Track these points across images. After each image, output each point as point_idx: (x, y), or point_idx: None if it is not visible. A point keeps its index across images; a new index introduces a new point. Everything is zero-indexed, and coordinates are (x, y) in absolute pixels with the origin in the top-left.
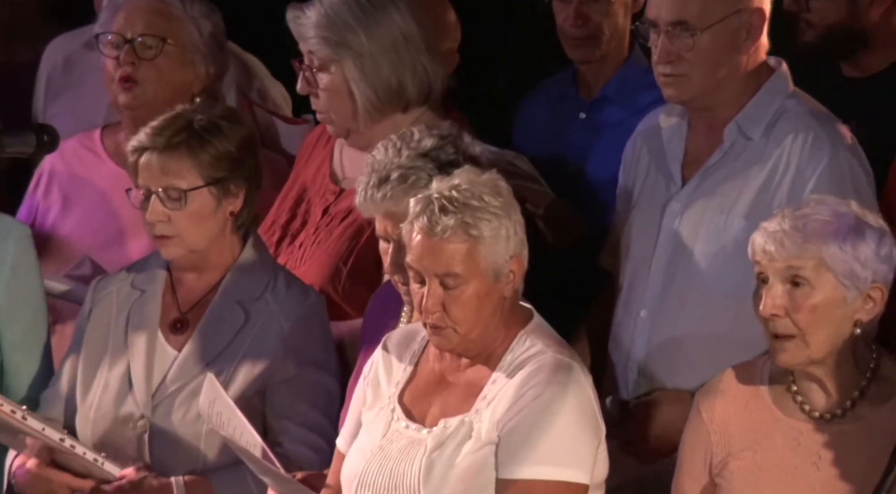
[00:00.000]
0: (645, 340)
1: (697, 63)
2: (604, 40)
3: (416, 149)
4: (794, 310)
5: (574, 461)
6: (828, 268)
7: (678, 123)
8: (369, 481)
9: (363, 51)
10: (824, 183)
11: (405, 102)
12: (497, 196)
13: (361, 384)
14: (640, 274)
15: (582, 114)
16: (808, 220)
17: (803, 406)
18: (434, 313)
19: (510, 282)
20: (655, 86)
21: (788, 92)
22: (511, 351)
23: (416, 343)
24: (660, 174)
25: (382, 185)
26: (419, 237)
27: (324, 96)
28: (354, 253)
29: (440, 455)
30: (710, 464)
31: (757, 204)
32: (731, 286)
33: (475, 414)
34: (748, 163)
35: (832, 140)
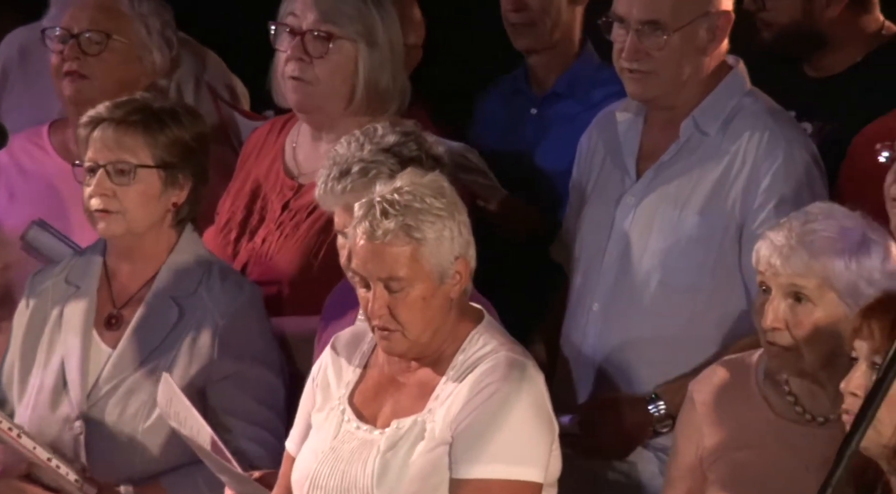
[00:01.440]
0: (597, 334)
1: (665, 62)
2: (546, 28)
3: (378, 144)
4: (794, 325)
5: (528, 459)
6: (831, 288)
7: (634, 117)
8: (321, 483)
9: (380, 43)
10: (779, 180)
11: (383, 111)
12: (440, 197)
13: (310, 385)
14: (593, 267)
15: (534, 110)
16: (815, 237)
17: (797, 408)
18: (381, 317)
19: (457, 284)
20: (608, 82)
21: (745, 89)
22: (463, 350)
23: (365, 343)
24: (615, 167)
25: (343, 178)
26: (362, 241)
27: (324, 69)
28: (325, 247)
29: (393, 456)
30: (702, 457)
31: (711, 199)
32: (684, 281)
33: (428, 414)
34: (703, 158)
35: (788, 138)
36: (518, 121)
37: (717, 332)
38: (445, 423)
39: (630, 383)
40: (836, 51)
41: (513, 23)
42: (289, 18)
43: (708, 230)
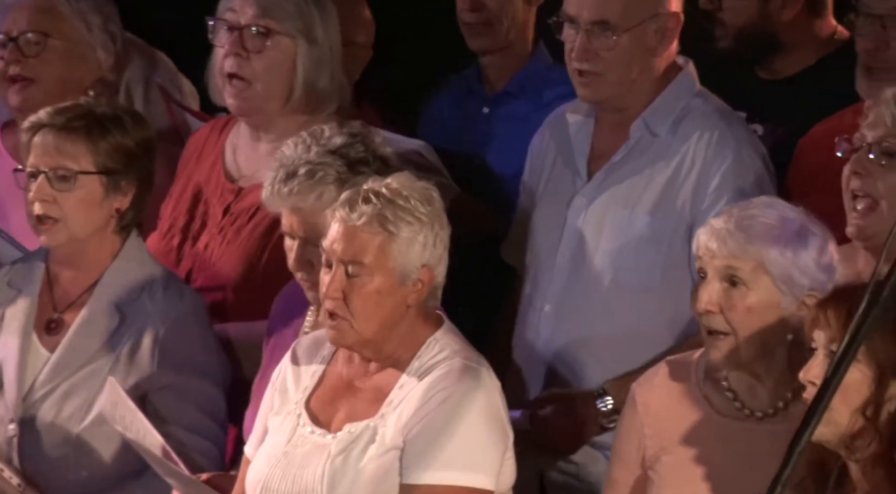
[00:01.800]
0: (549, 334)
1: (614, 63)
2: (501, 29)
3: (325, 146)
4: (728, 309)
5: (479, 466)
6: (766, 272)
7: (585, 118)
8: (273, 487)
9: (319, 40)
10: (728, 180)
11: (321, 111)
12: (426, 204)
13: (270, 389)
14: (545, 268)
15: (485, 109)
16: (753, 222)
17: (736, 404)
18: (333, 299)
19: (416, 291)
20: (559, 83)
21: (695, 90)
22: (419, 356)
23: (325, 348)
24: (566, 168)
25: (289, 180)
26: (337, 222)
27: (261, 65)
28: (268, 250)
29: (344, 461)
30: (643, 457)
31: (661, 200)
32: (635, 281)
33: (380, 419)
34: (654, 159)
35: (737, 138)
36: (470, 121)
37: (668, 331)
38: (397, 428)
39: (581, 382)
40: (789, 54)
41: (469, 23)
42: (227, 14)
43: (658, 230)
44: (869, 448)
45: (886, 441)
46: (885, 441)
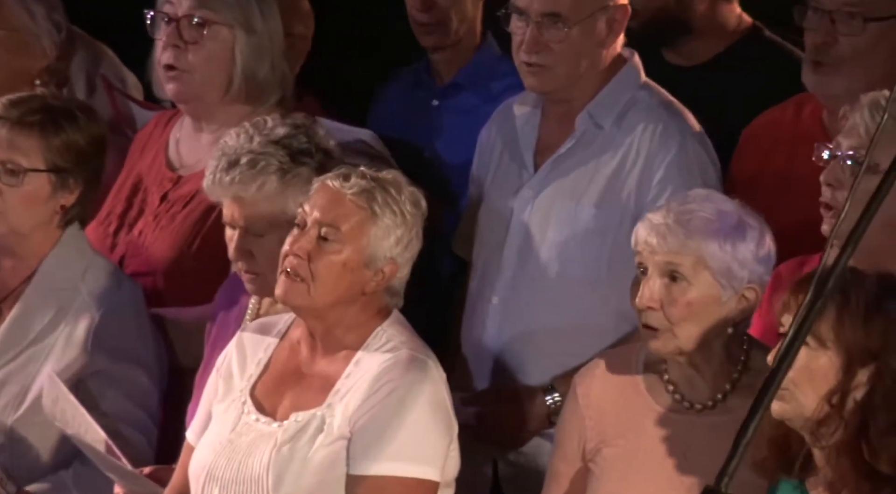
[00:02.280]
0: (497, 327)
1: (564, 55)
2: (452, 27)
3: (268, 136)
4: (669, 304)
5: (425, 458)
6: (706, 266)
7: (532, 111)
8: (217, 474)
9: (258, 29)
10: (673, 172)
11: (262, 102)
12: (413, 205)
13: (214, 376)
14: (492, 260)
15: (435, 101)
16: (692, 216)
17: (675, 396)
18: (296, 256)
19: (376, 280)
20: (508, 75)
21: (640, 82)
22: (367, 346)
23: (271, 336)
24: (513, 161)
25: (231, 169)
26: (327, 188)
27: (199, 56)
28: (200, 237)
29: (290, 450)
30: (584, 449)
31: (607, 192)
32: (581, 273)
33: (327, 409)
34: (599, 151)
35: (681, 130)
36: (419, 113)
37: (615, 324)
38: (344, 418)
39: (529, 375)
40: (699, 39)
41: (421, 22)
42: (165, 6)
43: (604, 222)
44: (834, 436)
45: (852, 430)
46: (851, 429)
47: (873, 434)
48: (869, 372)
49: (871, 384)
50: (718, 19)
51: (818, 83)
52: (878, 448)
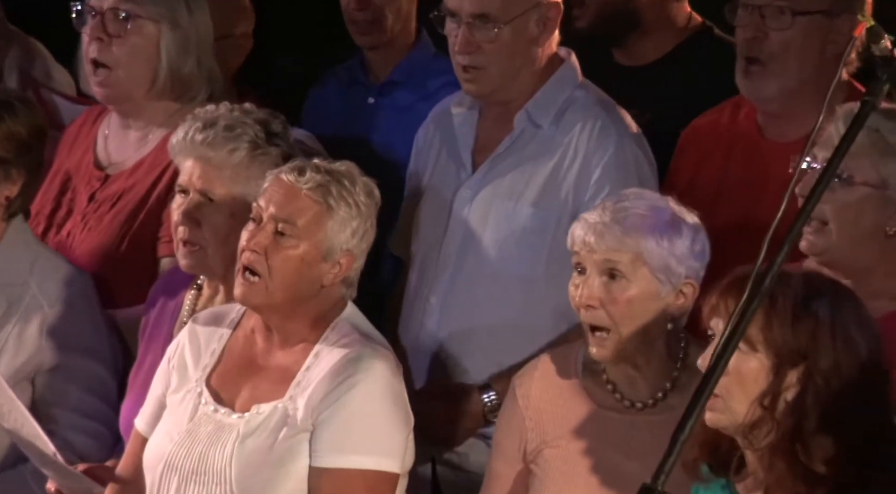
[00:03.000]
0: (434, 326)
1: (497, 56)
2: (387, 25)
3: (247, 113)
4: (609, 302)
5: (387, 450)
6: (644, 263)
7: (469, 110)
8: (177, 464)
9: (183, 24)
10: (610, 171)
11: (188, 97)
12: (367, 197)
13: (165, 366)
14: (430, 259)
15: (371, 99)
16: (627, 214)
17: (615, 395)
18: (253, 252)
19: (333, 273)
20: (443, 72)
21: (577, 82)
22: (325, 339)
23: (224, 325)
24: (451, 160)
25: (207, 129)
26: (281, 182)
27: (123, 50)
28: (128, 238)
29: (253, 441)
30: (525, 451)
31: (545, 191)
32: (519, 272)
33: (289, 401)
34: (537, 150)
35: (618, 129)
36: (355, 111)
37: (552, 322)
38: (307, 411)
39: (466, 373)
40: (647, 38)
41: (356, 21)
42: (92, 0)
43: (542, 221)
44: (767, 439)
45: (785, 431)
46: (784, 431)
47: (806, 434)
48: (799, 372)
49: (801, 384)
50: (667, 18)
51: (750, 87)
52: (812, 448)
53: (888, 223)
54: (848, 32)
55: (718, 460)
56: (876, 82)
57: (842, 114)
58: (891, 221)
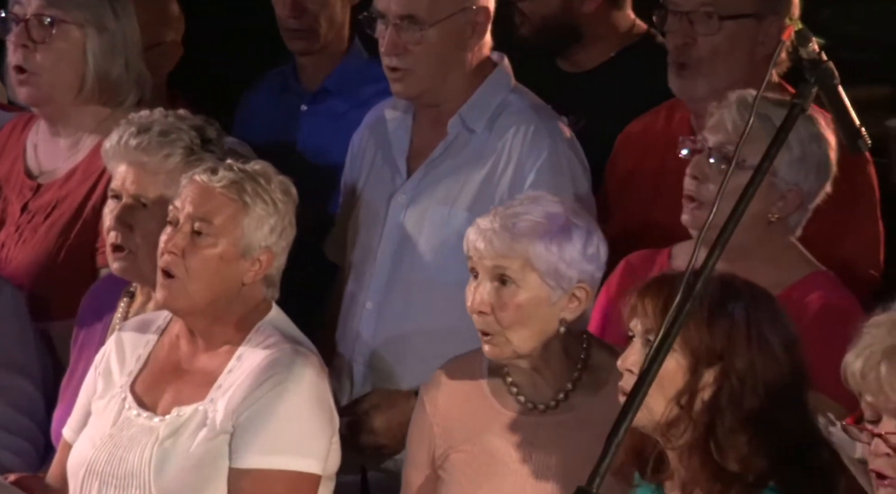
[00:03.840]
0: (371, 332)
1: (424, 58)
2: (321, 32)
3: (182, 119)
4: (499, 308)
5: (308, 451)
6: (533, 268)
7: (403, 116)
8: (98, 469)
9: (110, 28)
10: (544, 175)
11: (118, 101)
12: (284, 194)
13: (92, 373)
14: (366, 265)
15: (303, 106)
16: (518, 220)
17: (519, 398)
18: (171, 254)
19: (253, 270)
20: (377, 79)
21: (510, 86)
22: (248, 341)
23: (150, 332)
24: (385, 166)
25: (141, 134)
26: (196, 183)
27: (48, 55)
28: (65, 249)
29: (173, 444)
30: (433, 456)
31: (479, 196)
32: (455, 277)
33: (210, 403)
34: (471, 155)
35: (552, 134)
36: (288, 118)
37: None
38: (227, 413)
39: (403, 379)
40: (590, 46)
41: (291, 28)
42: (15, 7)
43: None
44: (684, 437)
45: (701, 430)
46: (700, 429)
47: (720, 433)
48: (715, 372)
49: (717, 384)
50: (609, 27)
51: (683, 87)
52: (726, 446)
53: (771, 209)
54: (776, 34)
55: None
56: (805, 85)
57: (735, 100)
58: (774, 208)
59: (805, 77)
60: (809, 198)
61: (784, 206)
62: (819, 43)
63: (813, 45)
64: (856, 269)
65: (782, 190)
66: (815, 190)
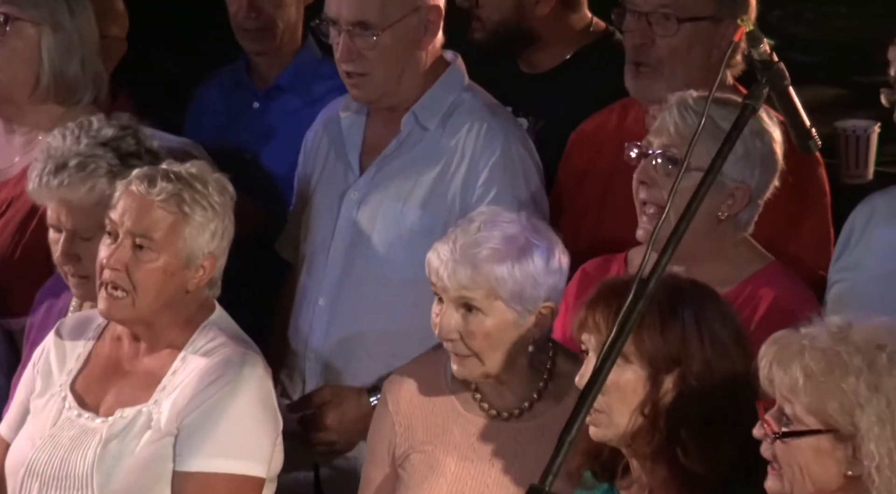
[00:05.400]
0: (323, 328)
1: (379, 61)
2: (278, 32)
3: (95, 138)
4: (468, 336)
5: (252, 454)
6: (497, 296)
7: (357, 113)
8: (38, 470)
9: (65, 26)
10: (496, 173)
11: (74, 100)
12: (221, 194)
13: (30, 371)
14: (318, 262)
15: (256, 104)
16: (478, 249)
17: (483, 404)
18: (113, 270)
19: (197, 277)
20: (329, 77)
21: (464, 85)
22: (192, 342)
23: (90, 330)
24: (339, 162)
25: (59, 172)
26: (133, 195)
27: (2, 52)
28: (21, 247)
29: (116, 446)
30: (394, 455)
31: (432, 193)
32: (408, 274)
33: (154, 405)
34: (424, 153)
35: (505, 132)
36: (240, 115)
37: None
38: (171, 415)
39: (355, 375)
40: (546, 48)
41: (247, 28)
42: None
43: (429, 224)
44: (650, 445)
45: (665, 435)
46: (664, 434)
47: (685, 436)
48: (674, 377)
49: (676, 389)
50: (564, 28)
51: (639, 88)
52: (691, 449)
53: (720, 208)
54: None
55: (602, 466)
56: (756, 85)
57: (675, 102)
58: (723, 206)
59: (756, 77)
60: (758, 193)
61: (733, 204)
62: (770, 44)
63: (764, 47)
64: (805, 269)
65: (730, 188)
66: (762, 185)
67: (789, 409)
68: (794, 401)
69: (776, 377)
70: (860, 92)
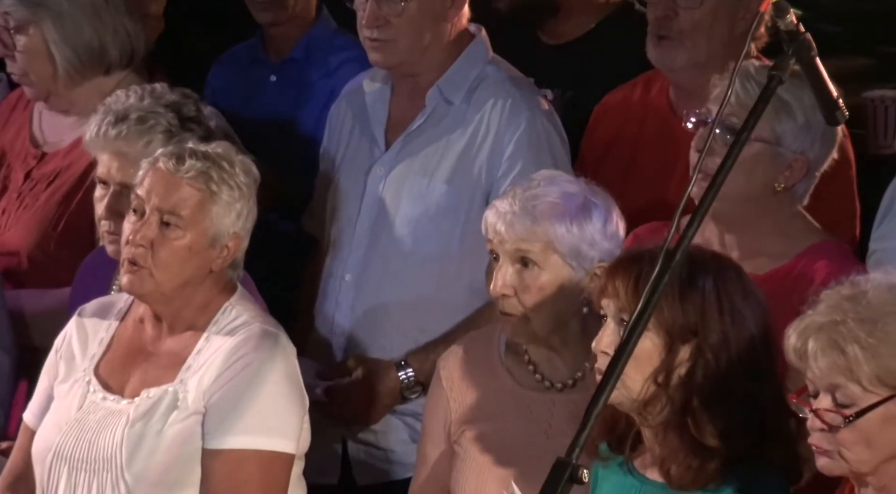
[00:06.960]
0: (350, 304)
1: (404, 29)
2: (289, 3)
3: (158, 99)
4: (522, 291)
5: (281, 431)
6: (554, 250)
7: (382, 87)
8: (66, 454)
9: (62, 11)
10: (522, 147)
11: (107, 64)
12: (246, 175)
13: (53, 357)
14: (345, 237)
15: (272, 77)
16: (537, 202)
17: (536, 376)
18: (138, 247)
19: (221, 257)
20: (344, 48)
21: (488, 58)
22: (216, 322)
23: (113, 314)
24: (363, 138)
25: (119, 123)
26: (160, 172)
27: (22, 58)
28: (65, 218)
29: (144, 426)
30: (449, 431)
31: (458, 167)
32: (434, 249)
33: (180, 384)
34: (449, 127)
35: (530, 106)
36: (257, 89)
37: (466, 299)
38: (198, 393)
39: (382, 350)
40: (568, 18)
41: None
42: None
43: (455, 198)
44: (661, 414)
45: (678, 406)
46: (677, 405)
47: (697, 408)
48: (690, 348)
49: (692, 360)
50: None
51: (661, 57)
52: (702, 421)
53: (777, 179)
54: (756, 10)
55: (617, 437)
56: (783, 57)
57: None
58: (780, 177)
59: (783, 48)
60: (816, 165)
61: (790, 176)
62: (797, 14)
63: (790, 17)
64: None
65: (788, 159)
66: (821, 157)
67: (843, 392)
68: (849, 381)
69: (822, 364)
70: (888, 62)
